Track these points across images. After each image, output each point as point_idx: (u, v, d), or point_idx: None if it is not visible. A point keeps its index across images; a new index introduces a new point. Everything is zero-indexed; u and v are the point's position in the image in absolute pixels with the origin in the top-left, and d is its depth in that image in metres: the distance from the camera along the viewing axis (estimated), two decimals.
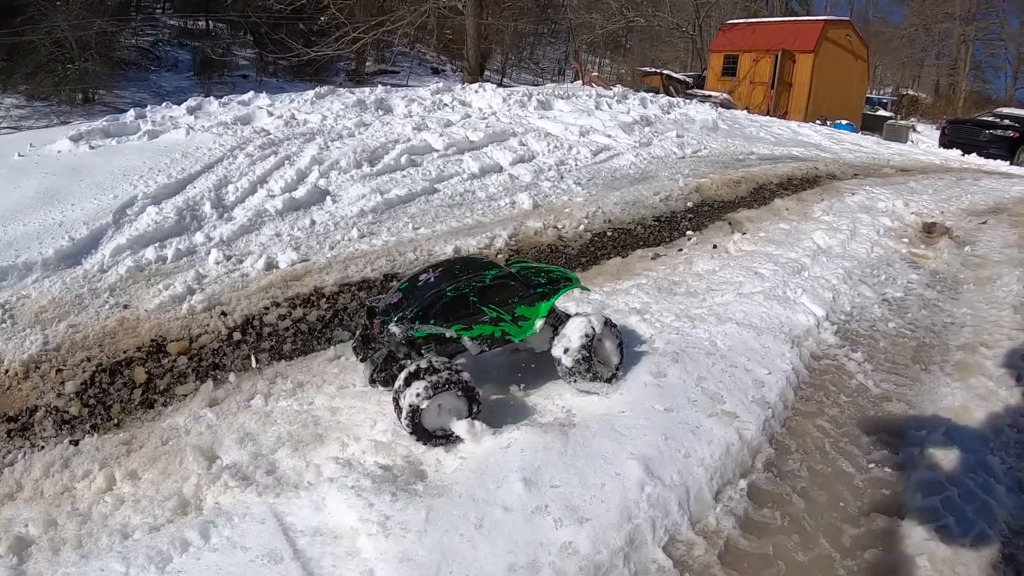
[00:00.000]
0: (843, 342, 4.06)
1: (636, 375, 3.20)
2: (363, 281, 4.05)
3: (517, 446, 2.60)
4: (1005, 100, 37.65)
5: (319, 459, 2.57)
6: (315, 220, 4.69)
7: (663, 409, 2.95)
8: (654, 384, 3.11)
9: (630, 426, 2.79)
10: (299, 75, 21.84)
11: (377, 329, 2.73)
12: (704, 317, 3.93)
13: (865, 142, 15.70)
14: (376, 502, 2.22)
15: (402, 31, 20.24)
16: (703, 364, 3.36)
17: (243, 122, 6.42)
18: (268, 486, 2.40)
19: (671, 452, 2.68)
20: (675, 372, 3.24)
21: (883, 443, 3.13)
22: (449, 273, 2.84)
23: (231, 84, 19.81)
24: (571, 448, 2.63)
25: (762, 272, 4.81)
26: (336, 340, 3.64)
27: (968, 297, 5.27)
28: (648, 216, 6.52)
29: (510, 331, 2.91)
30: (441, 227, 5.06)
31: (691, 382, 3.18)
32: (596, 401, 3.01)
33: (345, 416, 2.88)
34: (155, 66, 21.46)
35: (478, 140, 7.24)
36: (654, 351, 3.45)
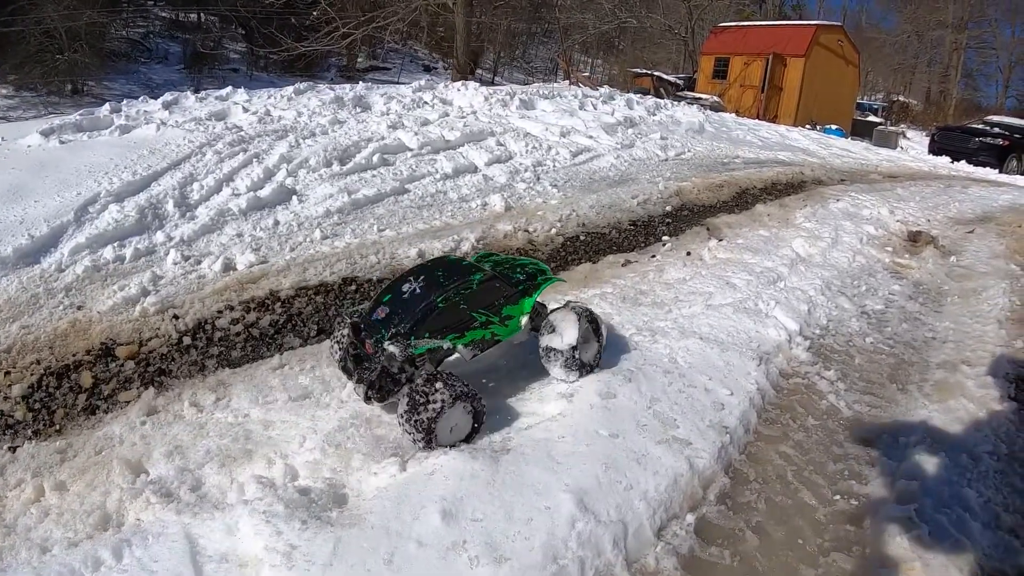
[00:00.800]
0: (816, 359, 3.81)
1: (583, 396, 2.94)
2: (320, 285, 3.89)
3: (442, 473, 2.38)
4: (996, 108, 37.61)
5: (244, 477, 2.44)
6: (279, 220, 4.54)
7: (608, 435, 2.69)
8: (601, 406, 2.85)
9: (569, 453, 2.54)
10: (290, 70, 21.59)
11: (372, 349, 2.66)
12: (667, 331, 3.67)
13: (854, 147, 15.51)
14: (285, 530, 2.10)
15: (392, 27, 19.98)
16: (659, 384, 3.11)
17: (218, 118, 6.28)
18: (189, 504, 2.30)
19: (611, 484, 2.43)
20: (627, 393, 2.98)
21: (851, 472, 2.89)
22: (434, 281, 2.78)
23: (221, 78, 19.48)
24: (500, 477, 2.40)
25: (735, 282, 4.56)
26: (286, 347, 3.50)
27: (952, 310, 5.04)
28: (624, 220, 6.28)
29: (499, 332, 2.91)
30: (407, 229, 4.87)
31: (643, 404, 2.93)
32: (535, 424, 2.77)
33: (277, 431, 2.74)
34: (145, 58, 21.10)
35: (454, 139, 7.03)
36: (607, 368, 3.19)
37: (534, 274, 3.13)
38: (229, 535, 2.12)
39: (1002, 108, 39.30)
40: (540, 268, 3.20)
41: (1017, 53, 42.81)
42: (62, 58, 15.44)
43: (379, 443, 2.65)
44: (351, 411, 2.86)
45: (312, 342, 3.59)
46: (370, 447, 2.62)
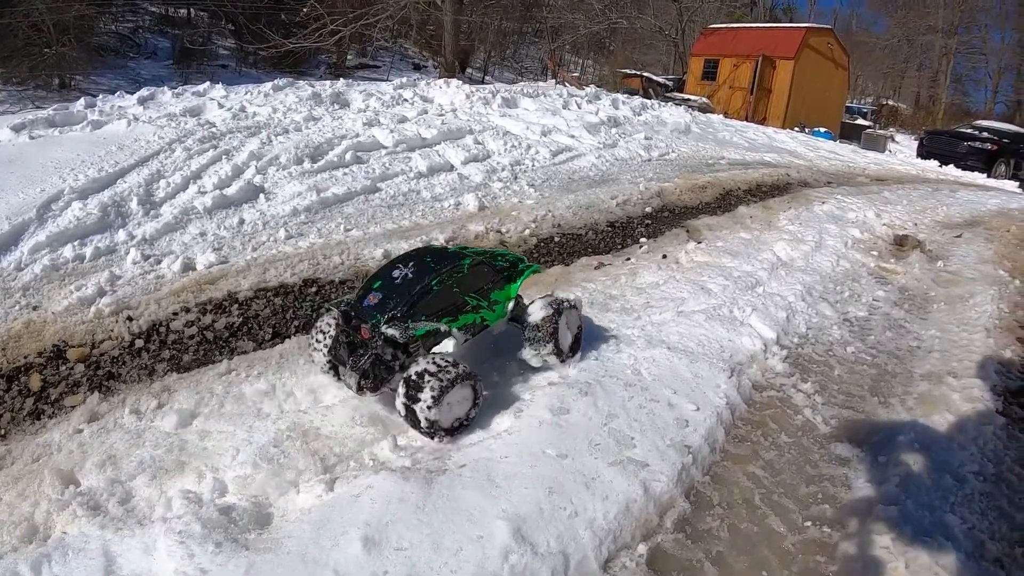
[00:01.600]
0: (793, 370, 3.57)
1: (532, 411, 2.71)
2: (280, 286, 3.75)
3: (369, 496, 2.18)
4: (984, 113, 37.74)
5: (173, 491, 2.32)
6: (244, 219, 4.42)
7: (556, 455, 2.45)
8: (552, 423, 2.61)
9: (510, 475, 2.31)
10: (279, 67, 21.33)
11: (368, 333, 2.59)
12: (633, 339, 3.43)
13: (842, 150, 15.35)
14: (198, 552, 1.97)
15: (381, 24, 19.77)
16: (618, 398, 2.87)
17: (192, 114, 6.17)
18: (115, 518, 2.17)
19: (553, 511, 2.19)
20: (581, 408, 2.74)
21: (824, 495, 2.66)
22: (425, 266, 2.75)
23: (210, 74, 19.05)
24: (432, 501, 2.17)
25: (710, 287, 4.33)
26: (239, 351, 3.35)
27: (938, 317, 4.83)
28: (602, 221, 6.07)
29: (488, 316, 2.91)
30: (375, 229, 4.71)
31: (598, 421, 2.68)
32: (479, 442, 2.53)
33: (213, 442, 2.59)
34: (134, 53, 20.69)
35: (431, 137, 6.86)
36: (563, 380, 2.96)
37: (514, 262, 3.16)
38: (146, 555, 2.00)
39: (991, 113, 39.47)
40: (518, 257, 3.23)
41: (1006, 59, 43.05)
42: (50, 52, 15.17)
43: (313, 458, 2.47)
44: (289, 422, 2.68)
45: (266, 346, 3.42)
46: (304, 463, 2.45)
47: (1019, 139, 18.58)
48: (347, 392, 2.88)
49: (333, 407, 2.81)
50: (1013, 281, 5.77)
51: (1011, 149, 17.84)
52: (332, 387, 2.98)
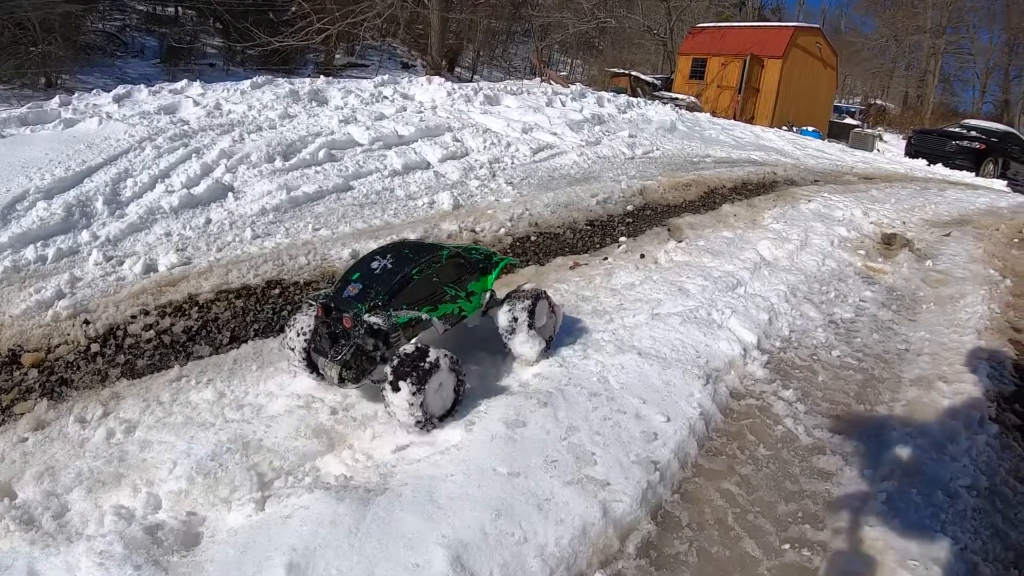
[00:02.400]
0: (774, 376, 3.35)
1: (485, 423, 2.48)
2: (243, 288, 3.60)
3: (300, 517, 2.00)
4: (972, 113, 37.79)
5: (108, 505, 2.20)
6: (212, 218, 4.31)
7: (507, 473, 2.23)
8: (505, 437, 2.39)
9: (455, 496, 2.09)
10: (267, 65, 21.13)
11: (351, 323, 2.56)
12: (602, 344, 3.21)
13: (829, 149, 15.20)
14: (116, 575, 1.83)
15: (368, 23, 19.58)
16: (581, 409, 2.64)
17: (167, 112, 5.99)
18: (47, 534, 2.07)
19: (500, 536, 1.97)
20: (539, 420, 2.51)
21: (805, 514, 2.44)
22: (404, 257, 2.75)
23: (197, 72, 18.81)
24: (366, 525, 1.97)
25: (689, 288, 4.11)
26: (194, 356, 3.22)
27: (927, 319, 4.63)
28: (581, 220, 5.86)
29: (465, 307, 2.93)
30: (344, 228, 4.55)
31: (557, 435, 2.46)
32: (426, 457, 2.32)
33: (153, 453, 2.47)
34: (121, 52, 20.46)
35: (408, 135, 6.69)
36: (522, 389, 2.73)
37: (488, 255, 3.18)
38: (68, 575, 1.87)
39: (979, 113, 39.60)
40: (490, 252, 3.26)
41: (994, 58, 43.17)
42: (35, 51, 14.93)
43: (249, 473, 2.31)
44: (232, 433, 2.53)
45: (223, 351, 3.28)
46: (240, 478, 2.29)
47: (1007, 138, 18.54)
48: (294, 402, 2.74)
49: (278, 417, 2.66)
50: (1004, 280, 5.58)
51: (999, 148, 17.76)
52: (281, 396, 2.82)
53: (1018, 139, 19.33)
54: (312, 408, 2.72)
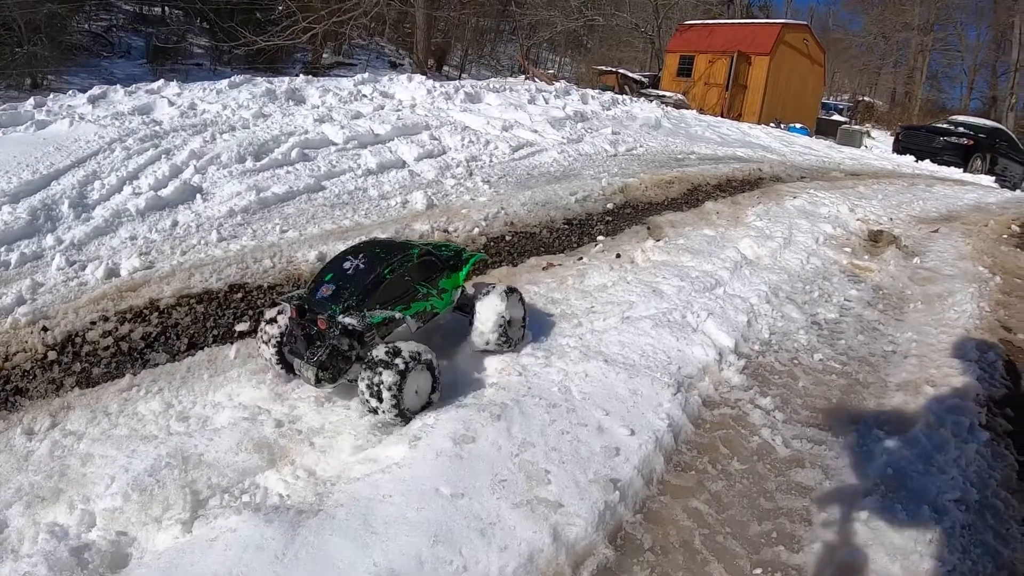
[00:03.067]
0: (751, 382, 3.14)
1: (432, 439, 2.28)
2: (204, 292, 3.49)
3: (225, 541, 1.88)
4: (960, 110, 37.73)
5: (45, 521, 2.13)
6: (178, 221, 4.22)
7: (450, 494, 2.04)
8: (452, 454, 2.19)
9: (391, 520, 1.92)
10: (253, 65, 20.96)
11: (326, 324, 2.56)
12: (567, 350, 3.00)
13: (817, 145, 15.04)
14: None
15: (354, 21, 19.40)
16: (537, 423, 2.43)
17: (141, 112, 5.90)
18: None
19: (436, 564, 1.80)
20: (491, 435, 2.31)
21: (780, 534, 2.23)
22: (376, 256, 2.75)
23: (184, 72, 18.82)
24: (294, 550, 1.82)
25: (664, 289, 3.90)
26: (151, 364, 3.11)
27: (914, 318, 4.44)
28: (558, 218, 5.66)
29: (437, 304, 2.94)
30: (313, 230, 4.40)
31: (509, 451, 2.25)
32: (365, 476, 2.14)
33: (93, 467, 2.38)
34: (107, 52, 20.34)
35: (384, 133, 6.55)
36: (476, 400, 2.52)
37: (458, 252, 3.21)
38: None
39: (966, 109, 39.60)
40: (460, 248, 3.29)
41: (981, 55, 43.22)
42: (21, 51, 14.78)
43: (184, 491, 2.22)
44: (172, 447, 2.43)
45: (181, 358, 3.16)
46: (175, 495, 2.21)
47: (995, 134, 18.42)
48: (240, 414, 2.65)
49: (222, 430, 2.55)
50: (993, 278, 5.40)
51: (987, 144, 17.64)
52: (228, 407, 2.73)
53: (1006, 135, 19.23)
54: (257, 421, 2.60)
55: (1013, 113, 34.99)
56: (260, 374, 3.00)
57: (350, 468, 2.29)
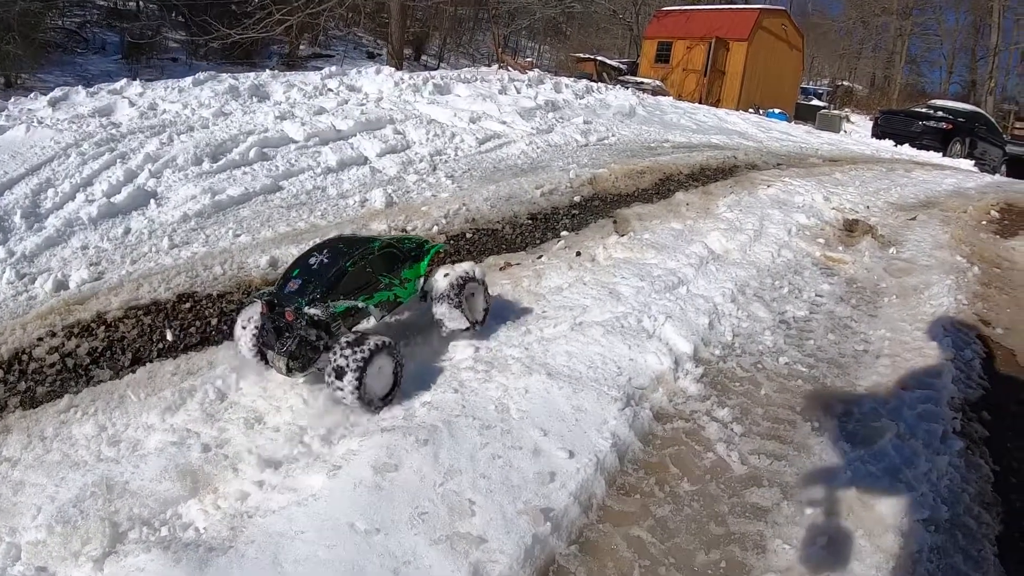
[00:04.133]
0: (709, 391, 2.92)
1: (353, 467, 2.10)
2: (153, 303, 3.34)
3: None
4: (939, 94, 37.71)
5: None
6: (131, 228, 4.06)
7: (365, 529, 1.86)
8: (372, 485, 1.99)
9: (302, 558, 1.76)
10: (229, 58, 20.61)
11: (293, 316, 2.65)
12: (509, 363, 2.77)
13: (795, 131, 14.86)
14: None
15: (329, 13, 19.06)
16: (468, 446, 2.21)
17: (102, 114, 5.68)
18: None
19: None
20: (415, 462, 2.09)
21: (730, 563, 2.02)
22: (339, 251, 2.87)
23: (160, 68, 18.47)
24: None
25: (622, 291, 3.67)
26: (95, 381, 2.98)
27: (888, 313, 4.25)
28: (523, 214, 5.44)
29: (400, 293, 3.05)
30: (267, 233, 4.22)
31: (434, 479, 2.04)
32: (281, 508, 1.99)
33: (24, 495, 2.26)
34: (82, 49, 19.79)
35: (347, 129, 6.32)
36: (406, 422, 2.30)
37: (420, 243, 3.31)
38: None
39: (946, 93, 39.68)
40: (422, 240, 3.38)
41: (960, 40, 43.30)
42: None
43: (103, 524, 2.08)
44: (99, 474, 2.31)
45: (124, 374, 3.04)
46: (95, 528, 2.07)
47: (974, 118, 18.35)
48: (168, 438, 2.54)
49: (149, 456, 2.42)
50: (971, 268, 5.22)
51: (966, 128, 17.55)
52: (159, 430, 2.60)
53: (985, 119, 19.17)
54: (185, 445, 2.47)
55: (992, 97, 35.07)
56: (193, 393, 2.82)
57: (269, 499, 2.14)
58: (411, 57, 29.04)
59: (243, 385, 2.90)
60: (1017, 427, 3.14)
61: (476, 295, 3.22)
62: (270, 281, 3.66)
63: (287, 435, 2.50)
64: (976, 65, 42.01)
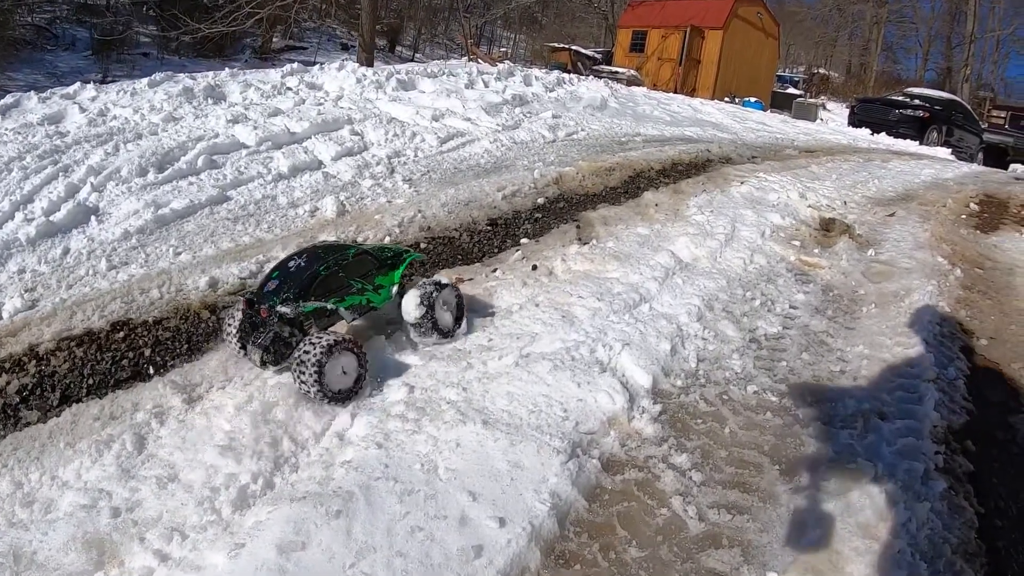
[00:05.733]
0: (667, 432, 2.62)
1: (256, 545, 1.84)
2: (86, 334, 3.10)
3: None
4: (915, 81, 37.81)
5: None
6: (70, 248, 3.82)
7: None
8: (276, 566, 1.76)
9: None
10: (202, 52, 20.23)
11: (266, 313, 2.83)
12: (442, 408, 2.45)
13: (771, 121, 14.62)
14: None
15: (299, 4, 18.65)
16: (386, 518, 1.92)
17: (51, 121, 5.44)
18: None
19: None
20: (325, 538, 1.82)
21: None
22: (316, 256, 3.03)
23: (131, 63, 18.35)
24: None
25: (577, 313, 3.36)
26: (22, 423, 2.73)
27: (867, 326, 3.98)
28: (482, 219, 5.14)
29: (373, 298, 3.18)
30: (208, 251, 3.96)
31: (344, 560, 1.78)
32: None
33: None
34: (52, 45, 19.54)
35: (301, 131, 6.01)
36: (321, 487, 2.01)
37: (399, 253, 3.45)
38: None
39: (921, 80, 39.77)
40: (401, 249, 3.53)
41: (936, 27, 43.43)
42: None
43: None
44: (8, 542, 2.13)
45: (51, 415, 2.77)
46: None
47: (951, 106, 18.26)
48: (80, 499, 2.30)
49: (59, 521, 2.20)
50: (953, 270, 4.98)
51: (943, 116, 17.44)
52: (74, 488, 2.36)
53: (961, 107, 19.10)
54: (95, 508, 2.25)
55: (968, 84, 35.18)
56: (111, 443, 2.54)
57: None
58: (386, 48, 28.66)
59: (163, 433, 2.62)
60: (1003, 458, 2.89)
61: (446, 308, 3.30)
62: (208, 304, 3.45)
63: (198, 498, 2.27)
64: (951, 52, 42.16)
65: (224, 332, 3.10)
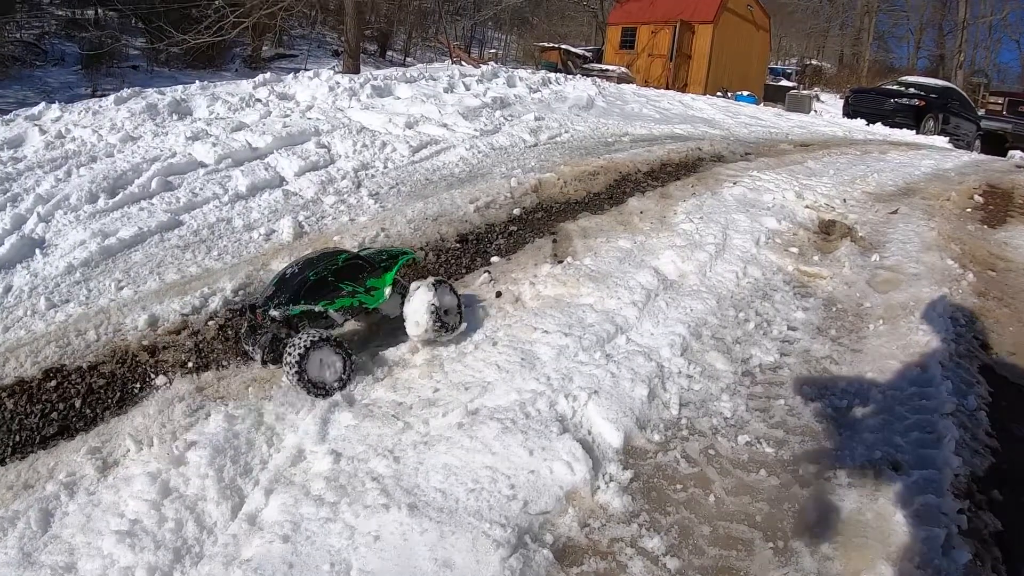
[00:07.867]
0: (639, 505, 2.17)
1: None
2: (17, 383, 2.84)
3: None
4: (908, 69, 37.55)
5: None
6: (12, 286, 3.56)
7: None
8: None
9: None
10: (191, 63, 20.11)
11: (261, 317, 3.00)
12: (366, 487, 2.01)
13: (764, 114, 14.19)
14: None
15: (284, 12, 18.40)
16: None
17: (11, 145, 5.21)
18: None
19: None
20: None
21: None
22: (308, 263, 3.16)
23: (120, 76, 18.20)
24: None
25: (540, 353, 2.92)
26: None
27: (875, 346, 3.55)
28: (451, 235, 4.75)
29: (365, 300, 3.26)
30: (151, 284, 3.62)
31: None
32: None
33: None
34: (41, 61, 19.53)
35: (264, 146, 5.68)
36: None
37: (394, 255, 3.48)
38: None
39: (914, 69, 39.49)
40: (398, 251, 3.56)
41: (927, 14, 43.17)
42: None
43: None
44: None
45: None
46: None
47: (946, 94, 17.97)
48: None
49: None
50: (965, 275, 4.54)
51: (938, 104, 17.11)
52: None
53: (957, 94, 18.78)
54: None
55: (962, 71, 34.81)
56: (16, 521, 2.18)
57: None
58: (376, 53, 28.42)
59: (71, 508, 2.25)
60: None
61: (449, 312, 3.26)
62: (147, 345, 3.15)
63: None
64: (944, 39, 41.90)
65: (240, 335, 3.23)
